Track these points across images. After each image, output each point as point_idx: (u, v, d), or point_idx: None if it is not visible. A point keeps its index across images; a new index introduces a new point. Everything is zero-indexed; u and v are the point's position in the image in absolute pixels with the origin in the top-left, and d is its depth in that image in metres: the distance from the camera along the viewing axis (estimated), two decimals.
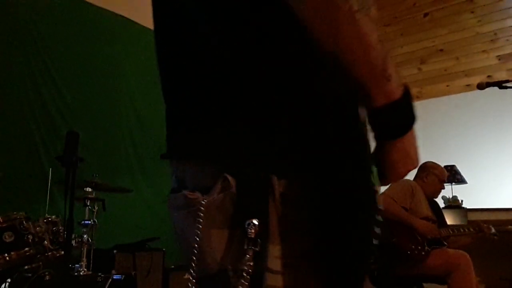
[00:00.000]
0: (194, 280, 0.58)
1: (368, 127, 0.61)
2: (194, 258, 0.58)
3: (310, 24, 0.53)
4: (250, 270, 0.53)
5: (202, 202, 0.57)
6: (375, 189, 0.61)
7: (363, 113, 0.61)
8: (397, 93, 0.57)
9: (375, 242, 0.60)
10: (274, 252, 0.55)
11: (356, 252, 0.58)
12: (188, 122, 0.62)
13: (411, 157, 0.62)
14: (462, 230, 2.92)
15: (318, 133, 0.57)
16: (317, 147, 0.57)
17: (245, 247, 0.54)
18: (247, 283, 0.53)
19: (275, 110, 0.57)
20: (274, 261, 0.55)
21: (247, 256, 0.53)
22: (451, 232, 2.87)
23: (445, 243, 2.83)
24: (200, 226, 0.57)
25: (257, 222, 0.53)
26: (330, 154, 0.57)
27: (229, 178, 0.56)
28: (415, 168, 0.65)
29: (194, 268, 0.58)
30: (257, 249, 0.53)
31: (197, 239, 0.57)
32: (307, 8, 0.52)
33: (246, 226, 0.53)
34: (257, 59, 0.58)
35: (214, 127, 0.59)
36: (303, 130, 0.57)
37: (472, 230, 2.90)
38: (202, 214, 0.56)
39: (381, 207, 0.62)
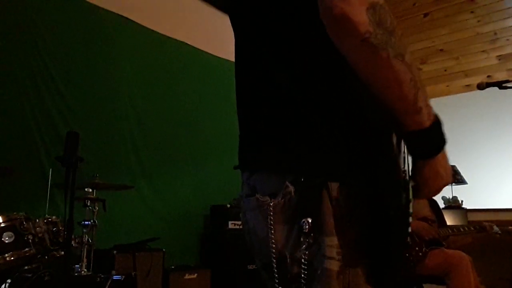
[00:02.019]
0: (262, 264, 0.76)
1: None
2: (262, 247, 0.75)
3: (356, 66, 0.67)
4: (304, 257, 0.70)
5: (270, 204, 0.73)
6: (409, 199, 0.73)
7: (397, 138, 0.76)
8: (427, 122, 0.70)
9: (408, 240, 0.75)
10: (330, 242, 0.69)
11: (393, 244, 0.74)
12: (258, 141, 0.80)
13: (441, 175, 0.75)
14: (462, 230, 2.91)
15: (362, 151, 0.72)
16: (361, 162, 0.72)
17: (301, 239, 0.70)
18: (300, 267, 0.70)
19: (327, 131, 0.72)
20: (329, 249, 0.69)
21: (303, 246, 0.70)
22: (450, 232, 2.85)
23: (444, 243, 2.82)
24: (271, 222, 0.73)
25: (311, 220, 0.69)
26: (372, 168, 0.72)
27: (290, 186, 0.72)
28: (446, 185, 0.77)
29: (262, 255, 0.76)
30: (311, 241, 0.69)
31: (266, 232, 0.73)
32: (355, 54, 0.66)
33: (301, 223, 0.69)
34: (315, 90, 0.74)
35: (278, 146, 0.75)
36: (350, 149, 0.72)
37: (472, 229, 2.89)
38: (271, 213, 0.73)
39: (411, 212, 0.74)
